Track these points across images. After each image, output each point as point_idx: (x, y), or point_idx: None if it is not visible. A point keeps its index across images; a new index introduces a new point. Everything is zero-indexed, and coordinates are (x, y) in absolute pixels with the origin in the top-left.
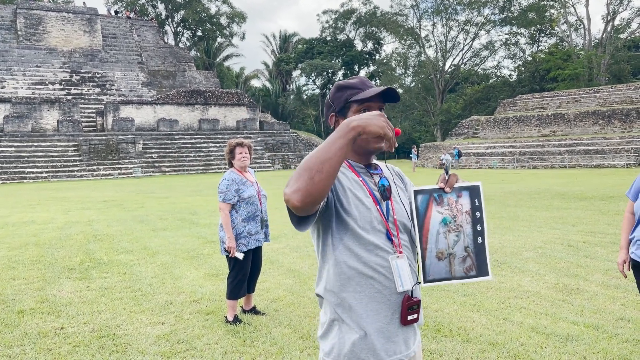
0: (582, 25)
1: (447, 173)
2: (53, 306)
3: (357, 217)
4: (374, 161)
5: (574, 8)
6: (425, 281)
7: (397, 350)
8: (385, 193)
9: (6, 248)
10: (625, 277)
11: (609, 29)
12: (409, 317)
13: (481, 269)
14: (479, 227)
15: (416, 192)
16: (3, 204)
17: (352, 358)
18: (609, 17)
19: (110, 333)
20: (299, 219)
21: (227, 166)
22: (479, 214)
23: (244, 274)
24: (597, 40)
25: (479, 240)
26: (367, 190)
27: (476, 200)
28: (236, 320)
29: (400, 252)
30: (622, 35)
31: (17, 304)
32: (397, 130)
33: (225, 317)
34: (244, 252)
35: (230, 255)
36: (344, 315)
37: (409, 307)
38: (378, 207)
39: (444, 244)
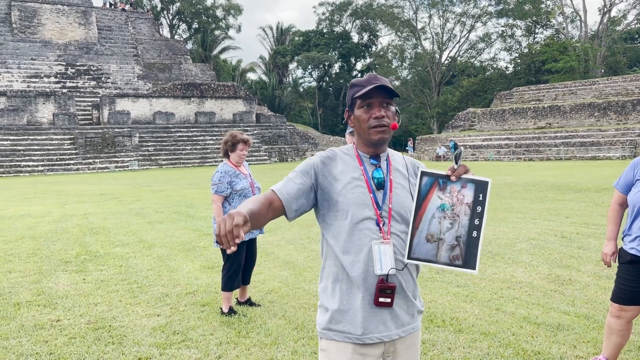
0: (578, 17)
1: (456, 162)
2: (49, 299)
3: (350, 200)
4: (391, 152)
5: (571, 0)
6: (409, 258)
7: (375, 329)
8: (380, 184)
9: (2, 241)
10: (610, 266)
11: (605, 21)
12: (380, 299)
13: (468, 261)
14: (476, 222)
15: (423, 174)
16: None
17: (330, 327)
18: (605, 9)
19: (106, 325)
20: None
21: (222, 157)
22: (480, 209)
23: (237, 265)
24: (593, 32)
25: (474, 234)
26: (365, 178)
27: (480, 195)
28: (231, 311)
29: (387, 239)
30: (618, 27)
31: (14, 297)
32: (394, 124)
33: (221, 308)
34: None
35: (221, 247)
36: (332, 286)
37: (381, 290)
38: (371, 195)
39: (436, 228)
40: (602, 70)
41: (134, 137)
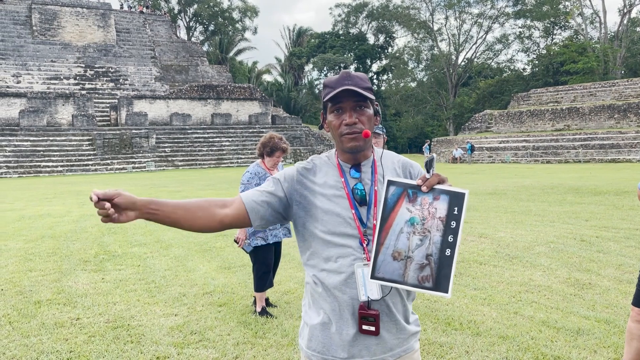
0: (597, 18)
1: (428, 171)
2: (69, 297)
3: (332, 217)
4: (382, 154)
5: (590, 0)
6: (372, 277)
7: (358, 354)
8: (363, 199)
9: (23, 240)
10: None
11: (625, 22)
12: (364, 327)
13: (439, 284)
14: (450, 238)
15: (390, 183)
16: (20, 197)
17: (310, 346)
18: (625, 10)
19: (124, 324)
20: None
21: (256, 156)
22: (454, 224)
23: (266, 266)
24: (612, 33)
25: (447, 252)
26: (346, 192)
27: (456, 208)
28: (264, 312)
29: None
30: (639, 29)
31: (34, 295)
32: (366, 132)
33: (254, 307)
34: (261, 245)
35: (238, 246)
36: (315, 303)
37: (362, 317)
38: (354, 212)
39: (404, 244)
40: (622, 72)
41: (151, 138)
